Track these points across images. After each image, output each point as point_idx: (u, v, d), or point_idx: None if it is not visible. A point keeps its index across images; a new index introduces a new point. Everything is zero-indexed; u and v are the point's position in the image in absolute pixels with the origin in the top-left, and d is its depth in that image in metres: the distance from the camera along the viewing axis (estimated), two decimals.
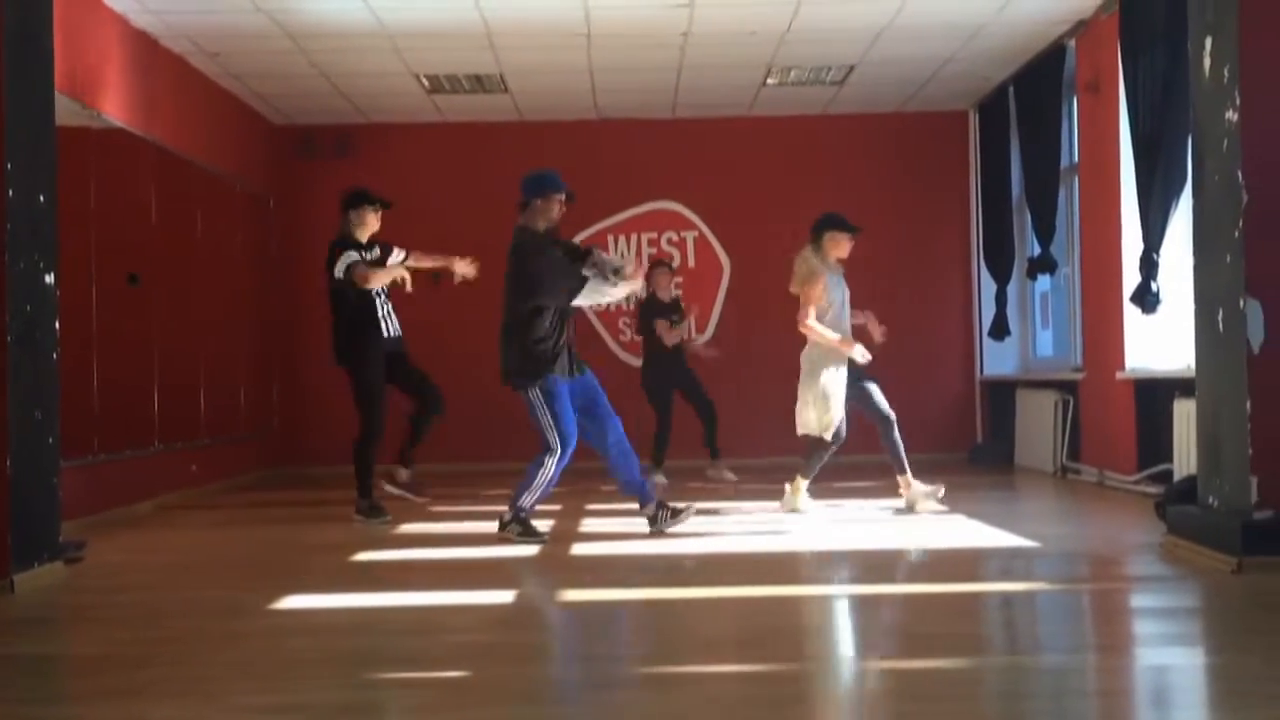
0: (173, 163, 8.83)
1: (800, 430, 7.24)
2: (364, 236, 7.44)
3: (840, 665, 3.92)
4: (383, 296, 7.38)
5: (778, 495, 7.43)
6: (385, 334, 7.37)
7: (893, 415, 7.30)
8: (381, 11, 8.23)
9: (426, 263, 7.71)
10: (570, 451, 6.32)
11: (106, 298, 7.77)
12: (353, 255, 7.27)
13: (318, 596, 5.06)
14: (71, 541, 5.87)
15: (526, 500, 6.34)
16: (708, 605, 4.91)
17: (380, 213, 7.52)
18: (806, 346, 7.23)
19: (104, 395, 7.70)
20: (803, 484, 7.29)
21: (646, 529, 6.48)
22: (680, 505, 6.62)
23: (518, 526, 6.37)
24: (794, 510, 7.27)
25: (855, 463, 10.69)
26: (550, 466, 6.27)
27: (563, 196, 6.39)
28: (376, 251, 7.46)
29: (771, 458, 10.03)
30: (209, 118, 9.74)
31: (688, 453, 9.64)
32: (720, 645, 4.17)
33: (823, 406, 7.09)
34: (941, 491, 7.34)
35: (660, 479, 9.04)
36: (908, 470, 7.32)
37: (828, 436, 7.12)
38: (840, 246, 7.26)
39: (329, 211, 11.34)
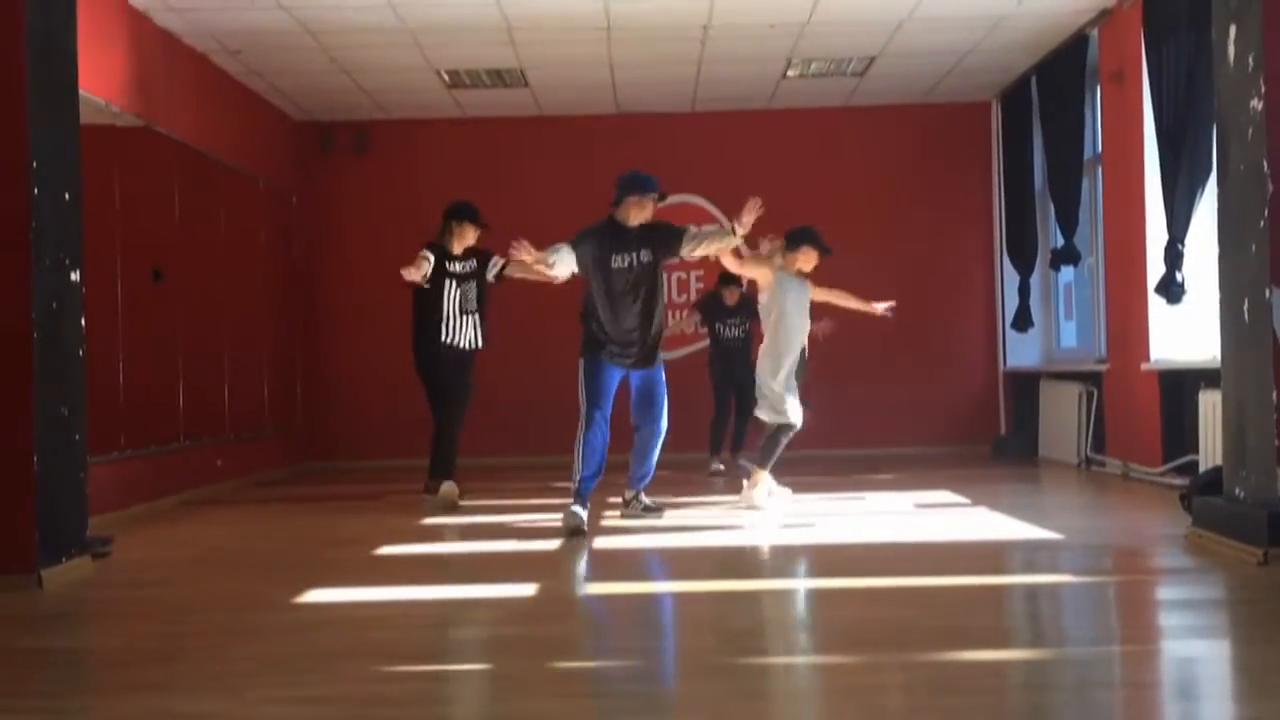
0: (195, 160, 8.88)
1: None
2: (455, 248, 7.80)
3: (865, 659, 3.91)
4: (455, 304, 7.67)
5: (811, 487, 7.43)
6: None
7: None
8: (401, 7, 8.24)
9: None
10: (595, 428, 6.48)
11: (131, 294, 7.84)
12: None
13: (341, 590, 5.08)
14: (99, 537, 5.91)
15: (574, 474, 6.50)
16: (731, 598, 4.91)
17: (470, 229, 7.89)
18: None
19: (129, 391, 7.77)
20: (762, 474, 7.32)
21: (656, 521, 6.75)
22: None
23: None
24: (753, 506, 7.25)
25: (879, 456, 10.68)
26: (579, 439, 6.50)
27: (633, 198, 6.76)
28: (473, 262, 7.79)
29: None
30: (231, 115, 9.78)
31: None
32: (745, 637, 4.17)
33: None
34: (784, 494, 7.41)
35: (717, 465, 9.56)
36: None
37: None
38: (809, 261, 7.45)
39: (350, 207, 11.49)
